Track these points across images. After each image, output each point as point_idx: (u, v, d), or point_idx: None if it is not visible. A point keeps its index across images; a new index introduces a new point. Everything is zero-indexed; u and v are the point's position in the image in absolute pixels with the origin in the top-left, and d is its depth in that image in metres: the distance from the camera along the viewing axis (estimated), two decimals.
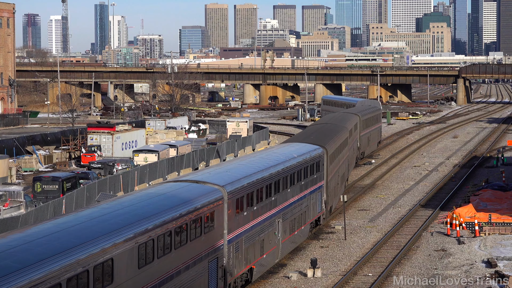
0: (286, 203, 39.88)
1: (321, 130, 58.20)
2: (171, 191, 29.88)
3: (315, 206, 45.94)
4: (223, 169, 35.56)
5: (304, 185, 43.21)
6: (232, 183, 32.60)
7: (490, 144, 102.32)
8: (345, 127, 63.78)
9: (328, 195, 48.82)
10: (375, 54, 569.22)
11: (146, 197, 28.49)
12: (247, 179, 34.38)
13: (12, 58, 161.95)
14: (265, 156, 41.17)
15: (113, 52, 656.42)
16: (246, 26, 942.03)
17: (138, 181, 63.46)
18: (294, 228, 41.63)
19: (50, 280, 19.78)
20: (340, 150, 55.28)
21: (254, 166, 37.23)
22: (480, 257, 41.11)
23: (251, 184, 34.54)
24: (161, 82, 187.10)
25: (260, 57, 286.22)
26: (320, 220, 48.12)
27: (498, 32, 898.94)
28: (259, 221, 35.56)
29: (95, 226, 23.76)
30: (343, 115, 77.17)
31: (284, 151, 44.03)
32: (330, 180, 49.16)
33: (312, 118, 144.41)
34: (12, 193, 56.99)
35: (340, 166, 56.20)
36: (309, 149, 45.68)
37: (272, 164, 38.72)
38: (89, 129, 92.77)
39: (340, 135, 56.77)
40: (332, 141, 51.35)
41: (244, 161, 39.35)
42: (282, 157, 41.12)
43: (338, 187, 55.04)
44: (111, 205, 26.87)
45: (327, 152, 47.53)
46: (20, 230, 23.44)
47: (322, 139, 50.41)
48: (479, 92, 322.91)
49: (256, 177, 35.52)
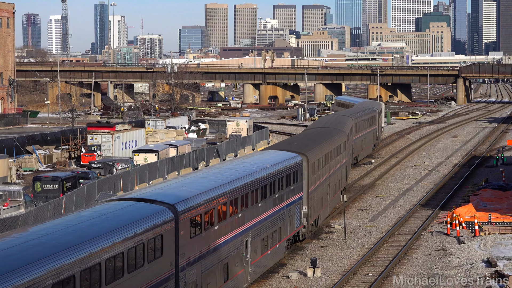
0: (256, 219, 35.75)
1: (310, 135, 55.32)
2: (108, 213, 25.66)
3: (292, 220, 41.71)
4: (179, 184, 31.43)
5: (278, 198, 39.09)
6: (186, 200, 28.54)
7: (490, 143, 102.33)
8: (342, 131, 60.95)
9: (310, 207, 44.45)
10: (375, 54, 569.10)
11: (75, 222, 24.36)
12: (206, 195, 30.26)
13: (12, 58, 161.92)
14: (233, 167, 37.20)
15: (113, 52, 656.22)
16: (246, 26, 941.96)
17: (138, 180, 63.48)
18: (267, 246, 37.42)
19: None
20: (331, 156, 51.69)
21: (217, 179, 33.16)
22: (480, 257, 41.11)
23: (211, 201, 30.40)
24: (161, 82, 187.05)
25: (260, 57, 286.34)
26: (299, 235, 43.86)
27: (498, 32, 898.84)
28: (221, 242, 31.28)
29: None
30: (339, 117, 73.49)
31: (257, 160, 39.98)
32: (313, 191, 45.13)
33: (312, 118, 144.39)
34: (12, 193, 57.00)
35: (333, 174, 52.70)
36: (286, 157, 41.85)
37: (239, 176, 34.72)
38: (89, 128, 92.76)
39: (331, 140, 53.30)
40: (316, 147, 47.43)
41: (207, 173, 35.11)
42: (253, 168, 37.16)
43: (328, 197, 50.70)
44: (25, 235, 22.54)
45: (308, 160, 43.61)
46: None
47: (304, 145, 46.77)
48: (479, 92, 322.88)
49: (218, 192, 31.36)
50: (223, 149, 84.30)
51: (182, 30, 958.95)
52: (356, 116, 79.37)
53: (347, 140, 60.94)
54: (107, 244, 23.02)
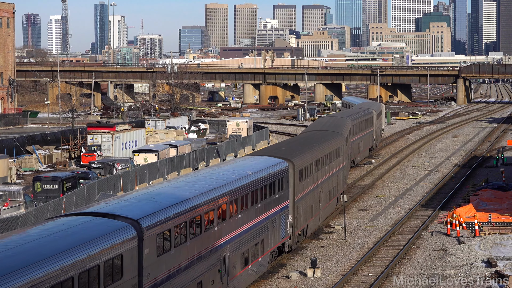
0: (236, 231, 33.13)
1: (302, 139, 52.88)
2: (60, 231, 22.93)
3: (277, 231, 39.07)
4: (147, 195, 28.64)
5: (261, 207, 36.46)
6: (153, 215, 25.94)
7: (490, 144, 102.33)
8: (340, 133, 58.48)
9: (296, 217, 41.81)
10: (375, 54, 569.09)
11: (19, 242, 21.62)
12: (177, 208, 27.58)
13: (12, 58, 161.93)
14: (211, 175, 34.21)
15: (113, 52, 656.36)
16: (246, 26, 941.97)
17: (138, 181, 63.48)
18: (248, 261, 34.83)
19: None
20: (325, 161, 49.24)
21: (191, 189, 30.42)
22: (480, 257, 41.11)
23: (182, 214, 27.71)
24: (161, 82, 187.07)
25: (260, 57, 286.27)
26: (285, 246, 41.17)
27: (498, 32, 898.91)
28: (194, 259, 28.71)
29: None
30: (337, 119, 70.75)
31: (238, 167, 37.14)
32: (300, 199, 42.50)
33: (312, 118, 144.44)
34: (12, 193, 56.99)
35: (327, 180, 50.12)
36: (270, 163, 39.13)
37: (216, 185, 32.00)
38: (89, 129, 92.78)
39: (326, 144, 50.83)
40: (305, 152, 44.82)
41: (181, 183, 32.23)
42: (233, 176, 34.45)
43: (319, 205, 48.01)
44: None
45: (293, 166, 41.01)
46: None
47: (292, 151, 44.12)
48: (479, 92, 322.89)
49: (191, 204, 28.72)
50: (223, 149, 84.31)
51: (182, 30, 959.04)
52: (353, 118, 77.10)
53: (345, 143, 58.67)
54: (54, 268, 20.41)
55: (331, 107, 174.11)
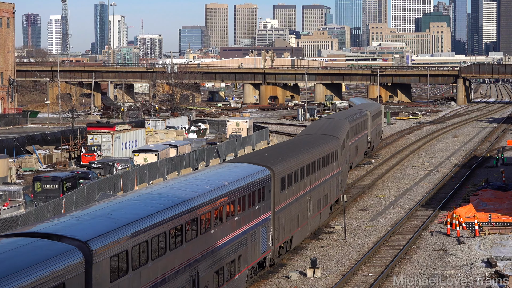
0: (208, 248, 30.17)
1: (291, 143, 50.63)
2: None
3: (257, 246, 36.11)
4: (104, 211, 25.65)
5: (238, 221, 33.55)
6: (106, 234, 23.10)
7: (490, 144, 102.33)
8: (335, 137, 55.66)
9: (277, 229, 38.85)
10: (375, 54, 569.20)
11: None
12: (136, 226, 24.65)
13: (12, 58, 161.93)
14: (181, 186, 31.09)
15: (113, 52, 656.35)
16: (246, 26, 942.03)
17: (138, 181, 63.49)
18: (223, 280, 31.95)
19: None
20: (314, 168, 46.45)
21: (156, 202, 27.41)
22: (480, 257, 41.11)
23: (143, 232, 24.81)
24: (161, 82, 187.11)
25: (260, 57, 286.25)
26: (266, 261, 38.26)
27: (498, 32, 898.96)
28: (157, 281, 25.80)
29: None
30: (334, 121, 67.77)
31: (214, 176, 34.11)
32: (283, 210, 39.71)
33: (312, 118, 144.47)
34: (12, 193, 56.99)
35: (317, 188, 47.39)
36: (250, 171, 36.31)
37: (186, 197, 29.00)
38: (89, 129, 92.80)
39: (317, 149, 47.99)
40: (291, 159, 41.90)
41: (146, 195, 28.73)
42: (206, 186, 31.44)
43: (308, 214, 45.27)
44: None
45: (274, 174, 38.04)
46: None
47: (275, 157, 40.98)
48: (479, 92, 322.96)
49: (154, 220, 25.71)
50: (223, 149, 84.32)
51: (182, 30, 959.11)
52: (351, 120, 74.60)
53: (340, 147, 55.67)
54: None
55: (331, 107, 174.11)
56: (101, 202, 28.47)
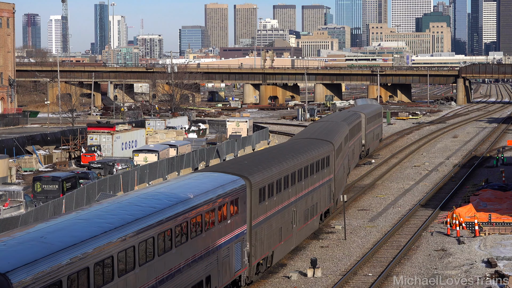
0: (166, 272, 26.58)
1: (276, 149, 47.17)
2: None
3: (229, 264, 32.51)
4: (38, 233, 22.03)
5: (205, 238, 29.98)
6: (34, 263, 19.75)
7: (490, 144, 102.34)
8: (329, 142, 52.16)
9: (255, 244, 35.55)
10: (375, 54, 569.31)
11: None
12: (74, 251, 21.24)
13: (12, 58, 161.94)
14: (138, 201, 27.41)
15: (113, 52, 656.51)
16: (246, 26, 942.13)
17: (138, 181, 63.51)
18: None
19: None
20: (300, 176, 43.26)
21: (103, 222, 23.92)
22: (480, 257, 41.11)
23: (82, 259, 21.41)
24: (161, 82, 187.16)
25: (260, 57, 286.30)
26: (241, 279, 34.60)
27: (498, 32, 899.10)
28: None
29: None
30: (330, 125, 64.41)
31: (178, 188, 30.50)
32: (261, 223, 36.51)
33: (312, 118, 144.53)
34: (12, 193, 57.02)
35: (304, 197, 44.20)
36: (221, 182, 32.88)
37: (141, 214, 25.51)
38: (89, 129, 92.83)
39: (305, 155, 44.65)
40: (270, 167, 38.53)
41: (94, 213, 25.20)
42: (167, 200, 27.93)
43: (293, 227, 41.91)
44: None
45: (251, 185, 34.77)
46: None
47: (253, 166, 37.64)
48: (479, 92, 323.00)
49: (97, 243, 22.26)
50: (223, 149, 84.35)
51: (182, 30, 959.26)
52: (349, 122, 71.38)
53: (335, 152, 52.10)
54: None
55: (331, 107, 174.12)
56: (39, 222, 24.35)
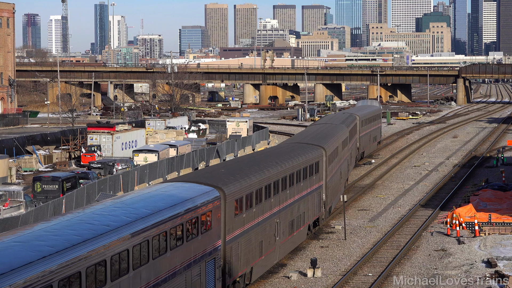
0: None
1: (257, 157, 43.46)
2: None
3: (200, 285, 29.62)
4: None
5: (171, 258, 27.07)
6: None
7: (490, 144, 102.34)
8: (321, 147, 48.82)
9: (230, 261, 32.57)
10: (375, 54, 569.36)
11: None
12: (14, 276, 18.86)
13: (12, 58, 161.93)
14: (90, 218, 24.44)
15: (113, 52, 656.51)
16: (246, 26, 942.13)
17: (138, 181, 63.50)
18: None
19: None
20: (285, 185, 40.25)
21: (43, 245, 21.01)
22: (480, 257, 41.11)
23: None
24: (161, 82, 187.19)
25: (260, 57, 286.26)
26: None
27: (498, 32, 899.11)
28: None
29: None
30: (327, 128, 61.77)
31: (140, 202, 27.57)
32: (237, 238, 33.33)
33: (312, 118, 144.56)
34: (12, 193, 57.02)
35: (289, 207, 41.11)
36: (191, 194, 29.81)
37: (89, 235, 22.59)
38: (89, 129, 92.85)
39: (287, 163, 41.11)
40: (248, 176, 35.44)
41: (37, 233, 22.18)
42: (124, 217, 25.00)
43: (275, 239, 38.94)
44: None
45: (225, 196, 31.84)
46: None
47: (229, 175, 34.65)
48: (479, 92, 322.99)
49: (28, 273, 19.33)
50: (223, 149, 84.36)
51: (182, 30, 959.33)
52: (347, 124, 68.61)
53: (325, 158, 48.83)
54: None
55: (331, 107, 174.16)
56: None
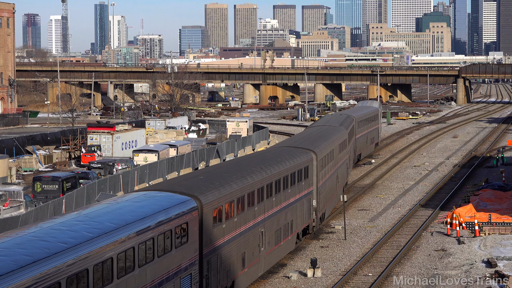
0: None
1: (242, 162, 40.82)
2: None
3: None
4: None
5: (141, 275, 24.99)
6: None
7: (490, 144, 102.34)
8: (310, 151, 45.85)
9: (209, 276, 30.22)
10: (375, 54, 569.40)
11: None
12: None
13: (12, 58, 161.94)
14: (45, 234, 22.35)
15: (113, 52, 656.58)
16: (246, 26, 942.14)
17: (138, 181, 63.50)
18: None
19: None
20: (270, 192, 37.78)
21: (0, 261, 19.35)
22: (480, 257, 41.11)
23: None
24: (161, 82, 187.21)
25: (260, 57, 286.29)
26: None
27: (498, 32, 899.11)
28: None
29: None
30: (324, 130, 59.47)
31: (107, 214, 25.34)
32: (217, 250, 31.13)
33: (312, 118, 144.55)
34: (12, 193, 57.03)
35: (275, 215, 38.61)
36: (165, 205, 27.56)
37: (41, 255, 20.56)
38: (89, 129, 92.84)
39: (272, 169, 38.46)
40: (230, 183, 33.13)
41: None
42: (85, 232, 22.89)
43: (260, 250, 36.39)
44: None
45: (202, 206, 29.44)
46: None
47: (209, 182, 32.33)
48: (479, 92, 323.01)
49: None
50: (223, 149, 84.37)
51: (182, 30, 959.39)
52: (346, 126, 66.44)
53: (315, 162, 46.04)
54: None
55: (331, 107, 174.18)
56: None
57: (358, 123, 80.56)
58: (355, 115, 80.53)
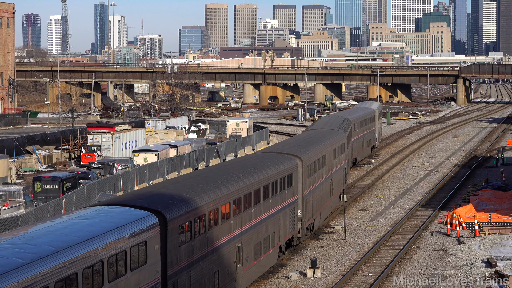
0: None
1: (216, 170, 37.20)
2: None
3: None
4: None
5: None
6: None
7: (490, 144, 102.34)
8: (295, 157, 43.13)
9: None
10: (375, 54, 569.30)
11: None
12: None
13: (12, 58, 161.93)
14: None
15: (113, 52, 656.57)
16: (246, 26, 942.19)
17: (138, 181, 63.50)
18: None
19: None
20: (249, 203, 34.93)
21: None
22: (480, 257, 41.12)
23: None
24: (161, 82, 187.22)
25: (260, 57, 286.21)
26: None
27: (498, 32, 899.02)
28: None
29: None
30: (323, 132, 57.48)
31: (48, 234, 22.22)
32: (186, 270, 28.11)
33: (312, 118, 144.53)
34: (12, 193, 57.05)
35: (254, 228, 35.64)
36: (120, 222, 24.55)
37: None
38: (89, 129, 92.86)
39: (251, 178, 35.57)
40: (200, 195, 30.01)
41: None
42: (16, 258, 19.79)
43: (236, 267, 33.37)
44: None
45: (166, 222, 26.55)
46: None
47: (177, 193, 29.47)
48: (479, 92, 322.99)
49: None
50: (223, 149, 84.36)
51: (182, 30, 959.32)
52: (345, 129, 64.88)
53: (301, 169, 43.21)
54: None
55: (331, 107, 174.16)
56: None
57: (354, 125, 77.88)
58: (351, 117, 77.56)
